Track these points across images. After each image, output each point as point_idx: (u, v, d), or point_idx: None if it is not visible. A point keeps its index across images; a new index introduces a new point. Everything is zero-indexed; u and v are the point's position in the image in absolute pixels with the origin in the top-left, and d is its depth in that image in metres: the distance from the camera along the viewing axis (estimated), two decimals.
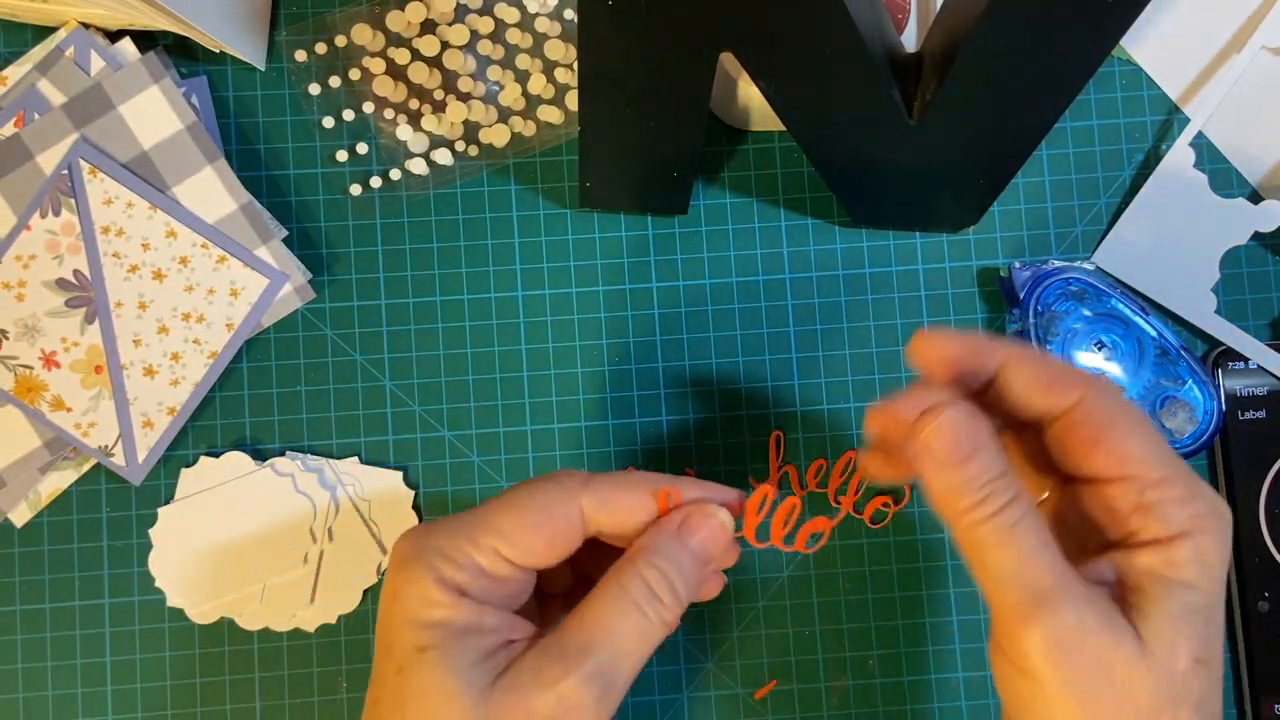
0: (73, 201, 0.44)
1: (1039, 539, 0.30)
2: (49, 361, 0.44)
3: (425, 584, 0.31)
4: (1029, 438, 0.34)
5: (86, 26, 0.46)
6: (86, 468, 0.46)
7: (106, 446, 0.45)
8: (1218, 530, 0.31)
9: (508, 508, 0.32)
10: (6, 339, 0.44)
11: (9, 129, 0.44)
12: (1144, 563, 0.31)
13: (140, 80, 0.45)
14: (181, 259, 0.45)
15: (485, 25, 0.48)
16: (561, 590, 0.37)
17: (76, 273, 0.44)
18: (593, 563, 0.35)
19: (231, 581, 0.46)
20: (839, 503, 0.47)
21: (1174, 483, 0.31)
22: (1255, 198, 0.48)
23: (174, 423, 0.45)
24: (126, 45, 0.46)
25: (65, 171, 0.44)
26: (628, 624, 0.31)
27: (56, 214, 0.44)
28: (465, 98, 0.48)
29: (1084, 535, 0.33)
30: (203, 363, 0.46)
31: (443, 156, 0.48)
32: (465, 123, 0.48)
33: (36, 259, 0.44)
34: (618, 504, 0.33)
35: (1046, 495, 0.35)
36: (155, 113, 0.45)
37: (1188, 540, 0.30)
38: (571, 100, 0.48)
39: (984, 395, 0.33)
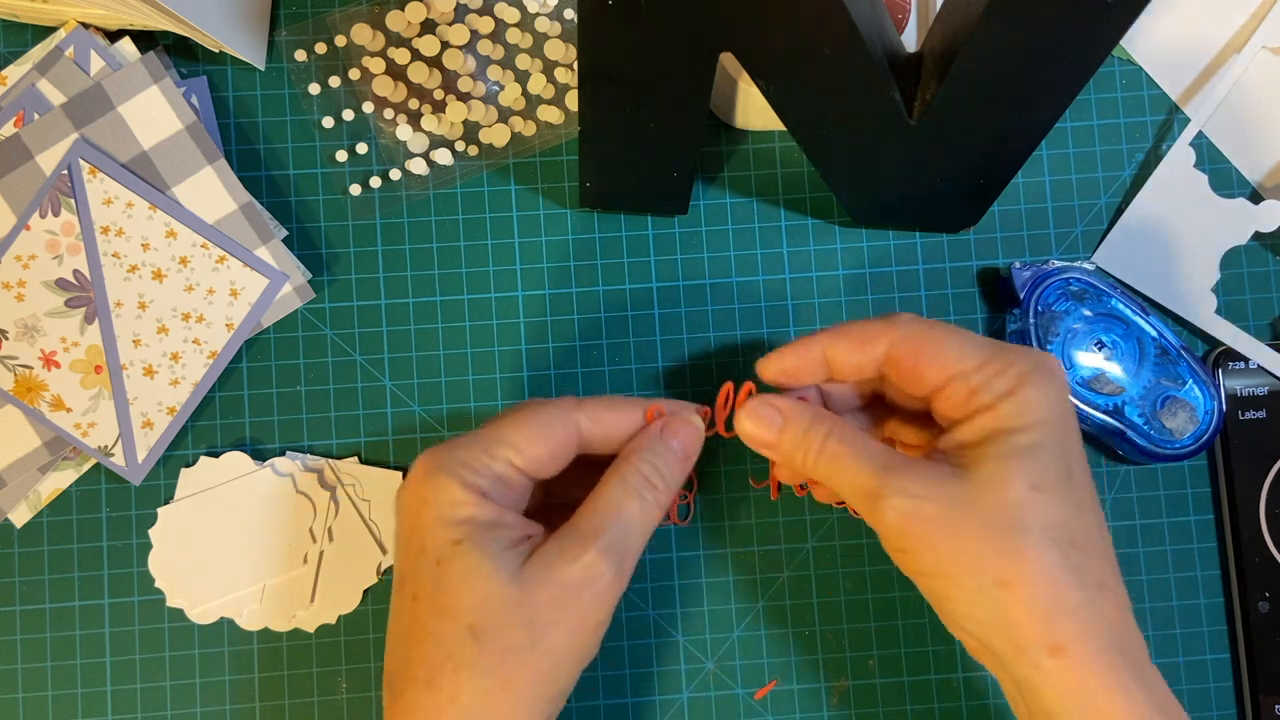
0: (72, 201, 0.44)
1: (858, 452, 0.35)
2: (49, 361, 0.44)
3: (452, 488, 0.36)
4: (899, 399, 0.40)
5: (86, 26, 0.46)
6: (86, 467, 0.46)
7: (106, 446, 0.45)
8: (1040, 380, 0.34)
9: (516, 424, 0.37)
10: (6, 339, 0.44)
11: (9, 129, 0.44)
12: (978, 425, 0.34)
13: (140, 80, 0.45)
14: (181, 259, 0.45)
15: (485, 25, 0.48)
16: (533, 509, 0.41)
17: (76, 273, 0.44)
18: (563, 489, 0.40)
19: (231, 581, 0.46)
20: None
21: (993, 360, 0.35)
22: (1255, 197, 0.48)
23: (174, 423, 0.45)
24: (126, 45, 0.46)
25: (65, 171, 0.44)
26: (631, 506, 0.36)
27: (56, 214, 0.44)
28: (465, 98, 0.48)
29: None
30: (202, 363, 0.46)
31: (443, 156, 0.48)
32: (465, 123, 0.48)
33: (36, 259, 0.44)
34: (606, 419, 0.39)
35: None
36: (155, 113, 0.45)
37: (1012, 396, 0.34)
38: (571, 100, 0.48)
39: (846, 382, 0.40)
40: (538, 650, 0.34)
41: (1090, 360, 0.46)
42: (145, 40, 0.47)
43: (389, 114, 0.48)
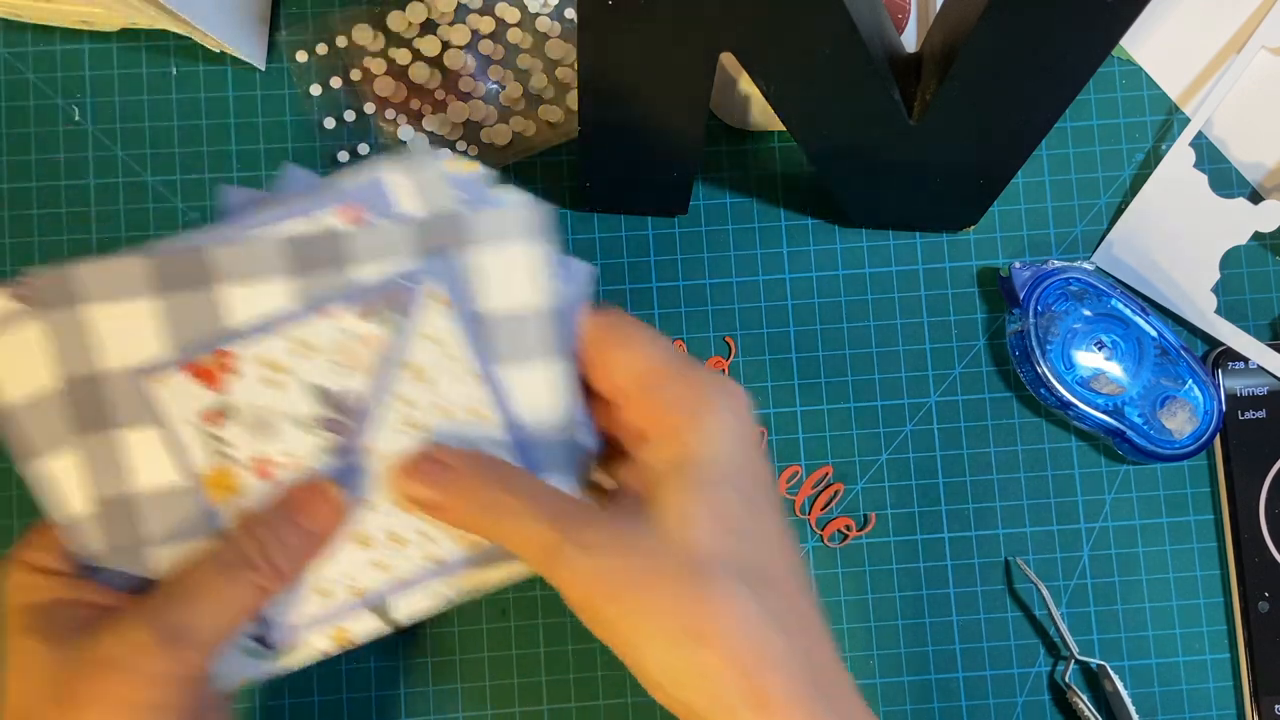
0: (397, 319, 0.33)
1: (527, 500, 0.31)
2: (261, 468, 0.34)
3: (18, 573, 0.33)
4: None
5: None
6: None
7: None
8: (725, 406, 0.31)
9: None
10: (232, 417, 0.33)
11: (331, 217, 0.33)
12: (658, 454, 0.31)
13: (515, 229, 0.34)
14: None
15: (486, 25, 0.48)
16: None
17: (350, 394, 0.34)
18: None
19: None
20: (803, 515, 0.47)
21: (677, 375, 0.32)
22: (1255, 197, 0.48)
23: (351, 606, 0.34)
24: (510, 192, 0.34)
25: (409, 284, 0.33)
26: (213, 584, 0.32)
27: (365, 319, 0.33)
28: (466, 97, 0.48)
29: (624, 454, 0.34)
30: (420, 566, 0.34)
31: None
32: (466, 122, 0.48)
33: (314, 352, 0.33)
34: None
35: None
36: (517, 274, 0.34)
37: (694, 422, 0.31)
38: (572, 100, 0.48)
39: None
40: None
41: (1090, 360, 0.46)
42: (150, 41, 0.47)
43: (390, 114, 0.48)
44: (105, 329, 0.32)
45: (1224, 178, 0.49)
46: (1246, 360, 0.47)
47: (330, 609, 0.34)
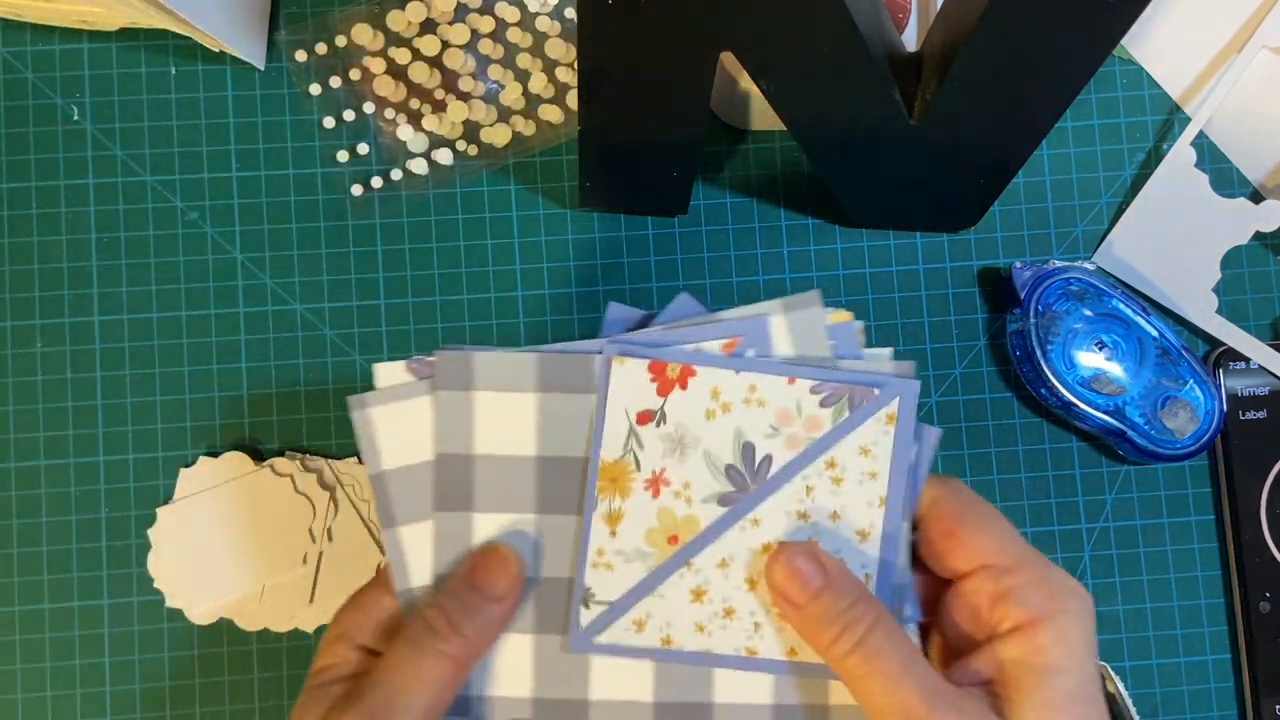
0: (848, 415, 0.34)
1: (903, 661, 0.30)
2: (655, 482, 0.34)
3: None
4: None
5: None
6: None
7: (593, 592, 0.34)
8: (1077, 611, 0.31)
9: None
10: (660, 424, 0.34)
11: (713, 344, 0.34)
12: (1011, 652, 0.31)
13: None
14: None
15: (486, 24, 0.48)
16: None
17: (767, 459, 0.34)
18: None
19: (230, 582, 0.46)
20: None
21: (1027, 568, 0.32)
22: (1256, 197, 0.48)
23: (655, 654, 0.34)
24: (879, 350, 0.35)
25: (876, 387, 0.34)
26: (403, 660, 0.32)
27: (820, 398, 0.34)
28: (466, 97, 0.48)
29: (960, 639, 0.33)
30: (734, 648, 0.34)
31: (443, 156, 0.48)
32: (466, 122, 0.48)
33: (761, 407, 0.34)
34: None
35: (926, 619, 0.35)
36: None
37: (1049, 623, 0.31)
38: (572, 100, 0.48)
39: None
40: None
41: (1091, 360, 0.46)
42: (149, 41, 0.47)
43: (390, 114, 0.48)
44: (487, 415, 0.33)
45: (1225, 177, 0.49)
46: (1248, 360, 0.47)
47: (636, 644, 0.34)
